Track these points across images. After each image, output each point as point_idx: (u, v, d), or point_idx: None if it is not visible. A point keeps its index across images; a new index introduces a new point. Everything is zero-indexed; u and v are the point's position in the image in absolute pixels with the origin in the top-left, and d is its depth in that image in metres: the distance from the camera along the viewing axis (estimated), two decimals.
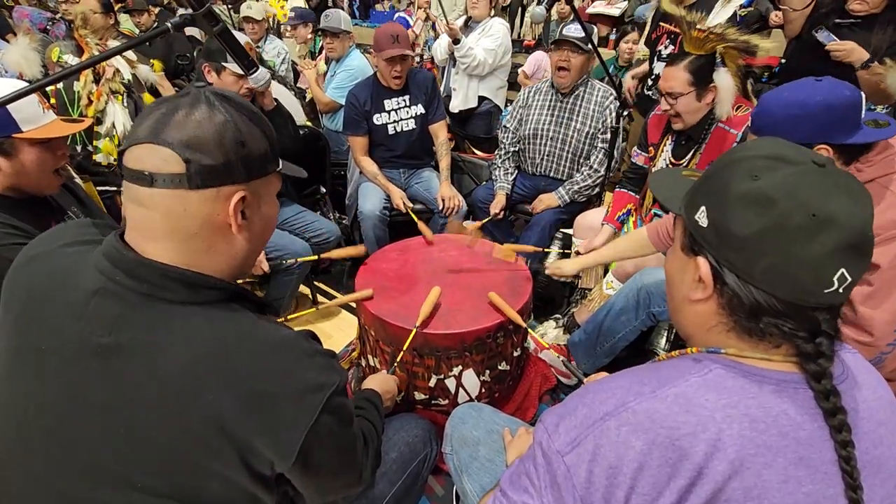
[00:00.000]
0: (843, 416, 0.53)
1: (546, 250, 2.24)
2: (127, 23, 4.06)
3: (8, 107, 1.03)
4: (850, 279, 0.52)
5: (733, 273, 0.56)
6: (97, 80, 2.22)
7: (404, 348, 1.37)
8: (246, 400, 0.58)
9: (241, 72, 1.77)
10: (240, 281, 0.72)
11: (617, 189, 2.07)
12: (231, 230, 0.65)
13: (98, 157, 2.31)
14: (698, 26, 1.65)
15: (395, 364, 1.35)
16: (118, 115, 2.39)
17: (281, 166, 0.71)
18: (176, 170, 0.60)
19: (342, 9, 4.89)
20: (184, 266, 0.63)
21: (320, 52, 3.41)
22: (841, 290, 0.52)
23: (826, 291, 0.52)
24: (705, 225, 0.58)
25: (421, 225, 1.94)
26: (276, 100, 1.99)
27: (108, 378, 0.59)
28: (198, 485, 0.59)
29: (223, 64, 1.78)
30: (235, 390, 0.58)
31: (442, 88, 3.30)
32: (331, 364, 0.67)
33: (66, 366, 0.60)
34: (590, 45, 2.06)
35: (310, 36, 3.81)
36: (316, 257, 1.80)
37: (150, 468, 0.58)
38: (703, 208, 0.59)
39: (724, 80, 1.64)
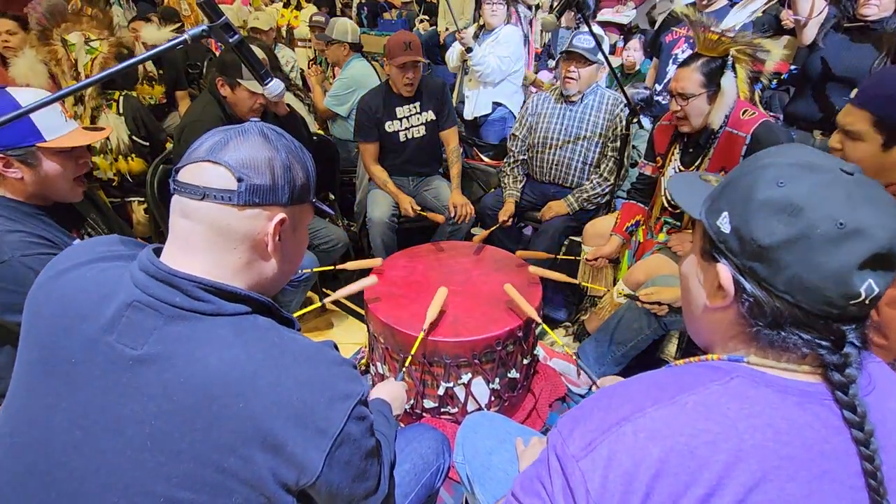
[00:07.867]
0: (869, 429, 0.51)
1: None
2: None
3: (32, 116, 1.04)
4: (877, 290, 0.51)
5: (755, 281, 0.54)
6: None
7: (412, 353, 1.37)
8: (276, 408, 0.59)
9: (254, 90, 1.77)
10: None
11: (625, 200, 2.07)
12: (267, 249, 0.69)
13: (97, 174, 2.29)
14: (712, 28, 1.65)
15: (404, 371, 1.35)
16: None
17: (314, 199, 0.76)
18: (228, 186, 0.64)
19: (350, 17, 4.94)
20: (215, 279, 0.65)
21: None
22: (868, 302, 0.51)
23: (852, 303, 0.51)
24: (728, 231, 0.56)
25: (430, 214, 1.96)
26: (288, 105, 2.01)
27: (138, 390, 0.60)
28: (222, 498, 0.59)
29: (238, 80, 1.77)
30: (265, 399, 0.59)
31: (455, 95, 3.32)
32: (355, 374, 0.68)
33: (96, 379, 0.61)
34: (599, 56, 2.07)
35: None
36: (332, 268, 1.80)
37: (175, 480, 0.59)
38: (725, 214, 0.57)
39: (730, 85, 1.64)
